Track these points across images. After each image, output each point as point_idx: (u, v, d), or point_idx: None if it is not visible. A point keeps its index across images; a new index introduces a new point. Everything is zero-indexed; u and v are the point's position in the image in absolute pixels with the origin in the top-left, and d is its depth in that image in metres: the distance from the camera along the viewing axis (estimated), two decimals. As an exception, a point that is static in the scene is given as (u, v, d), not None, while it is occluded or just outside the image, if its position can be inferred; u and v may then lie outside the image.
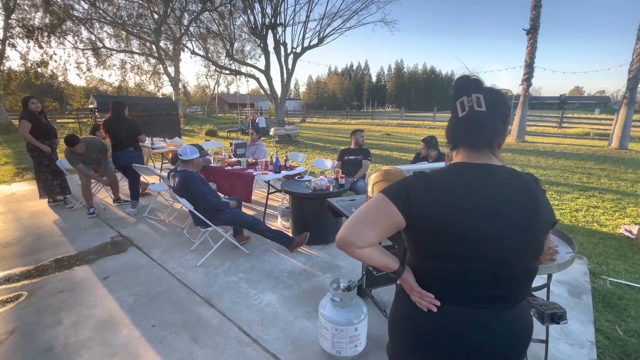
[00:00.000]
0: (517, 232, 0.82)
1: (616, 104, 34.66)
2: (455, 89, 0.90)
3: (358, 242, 0.85)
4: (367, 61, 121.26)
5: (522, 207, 0.82)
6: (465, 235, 0.80)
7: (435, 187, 0.83)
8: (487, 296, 0.84)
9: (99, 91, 33.21)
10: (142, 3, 18.08)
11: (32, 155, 4.61)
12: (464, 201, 0.80)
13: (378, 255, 0.90)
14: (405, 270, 0.93)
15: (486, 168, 0.85)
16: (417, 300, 0.90)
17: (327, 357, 2.00)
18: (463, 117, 0.88)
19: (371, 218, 0.85)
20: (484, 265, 0.81)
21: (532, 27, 12.49)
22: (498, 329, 0.85)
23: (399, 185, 0.87)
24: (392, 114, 33.17)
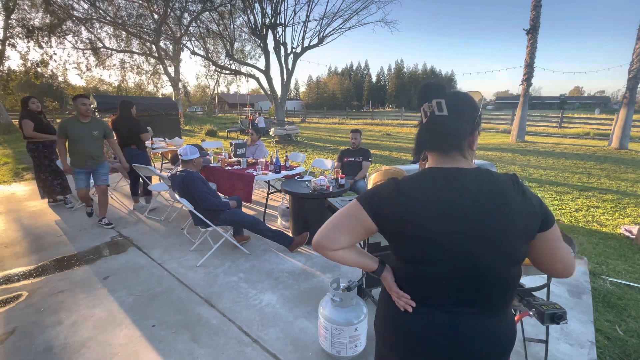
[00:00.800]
0: (484, 235, 0.80)
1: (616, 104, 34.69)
2: (419, 97, 0.92)
3: (330, 245, 0.90)
4: (367, 61, 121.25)
5: (490, 209, 0.80)
6: (429, 238, 0.81)
7: (403, 191, 0.85)
8: (459, 301, 0.84)
9: (98, 91, 33.23)
10: (142, 3, 18.07)
11: (32, 155, 4.62)
12: (429, 205, 0.82)
13: (353, 256, 0.94)
14: (385, 270, 0.98)
15: (455, 172, 0.85)
16: (395, 300, 0.93)
17: (327, 357, 2.00)
18: (425, 123, 0.90)
19: (343, 222, 0.90)
20: (452, 269, 0.81)
21: (532, 27, 12.49)
22: (469, 335, 0.84)
23: (373, 191, 0.90)
24: (392, 114, 33.17)
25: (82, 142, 3.77)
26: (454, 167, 0.87)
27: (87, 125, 3.80)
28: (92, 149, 3.86)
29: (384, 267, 0.99)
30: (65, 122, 3.73)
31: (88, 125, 3.80)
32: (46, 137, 4.53)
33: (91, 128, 3.82)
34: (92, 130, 3.83)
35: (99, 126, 3.90)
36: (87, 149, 3.81)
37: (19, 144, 11.39)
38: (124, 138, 4.49)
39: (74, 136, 3.74)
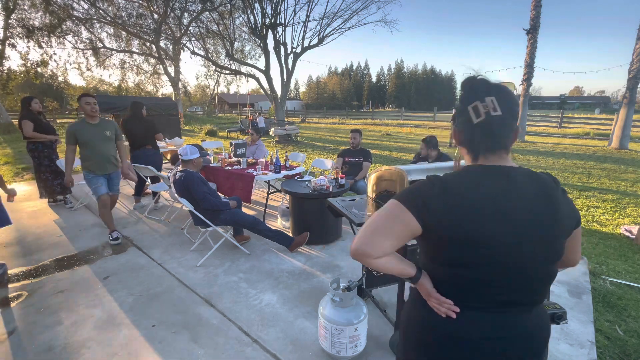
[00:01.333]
0: (535, 237, 0.80)
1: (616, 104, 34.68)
2: (465, 93, 0.86)
3: (374, 253, 0.82)
4: (367, 61, 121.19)
5: (541, 211, 0.80)
6: (482, 240, 0.77)
7: (452, 192, 0.80)
8: (504, 301, 0.83)
9: (99, 91, 33.21)
10: (142, 3, 18.07)
11: (32, 155, 4.62)
12: (480, 206, 0.78)
13: (395, 263, 0.87)
14: (422, 276, 0.90)
15: (503, 171, 0.82)
16: (434, 306, 0.87)
17: (327, 357, 2.00)
18: (480, 124, 0.83)
19: (387, 226, 0.82)
20: (501, 270, 0.79)
21: (532, 27, 12.49)
22: (515, 333, 0.84)
23: (413, 191, 0.83)
24: (392, 114, 33.17)
25: (96, 145, 3.40)
26: (503, 166, 0.83)
27: (97, 126, 3.43)
28: (109, 151, 3.52)
29: (421, 272, 0.91)
30: (72, 126, 3.35)
31: (98, 126, 3.44)
32: (46, 138, 4.53)
33: (102, 129, 3.45)
34: (104, 131, 3.46)
35: (110, 126, 3.55)
36: (104, 151, 3.46)
37: (19, 144, 11.38)
38: (139, 139, 4.47)
39: (85, 140, 3.34)
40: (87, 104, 3.33)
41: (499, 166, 0.83)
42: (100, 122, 3.47)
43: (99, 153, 3.44)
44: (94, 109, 3.36)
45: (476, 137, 0.85)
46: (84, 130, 3.36)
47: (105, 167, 3.52)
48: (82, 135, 3.34)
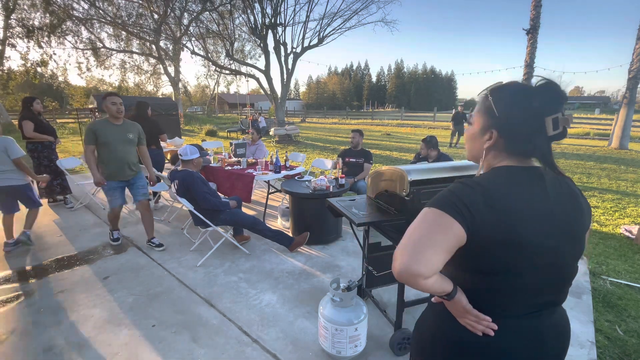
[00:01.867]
0: (570, 236, 0.80)
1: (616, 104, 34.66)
2: (545, 101, 0.76)
3: (427, 271, 0.72)
4: (367, 61, 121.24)
5: (571, 210, 0.81)
6: (526, 244, 0.75)
7: (494, 196, 0.75)
8: (540, 303, 0.82)
9: (99, 91, 33.20)
10: (142, 3, 18.07)
11: (31, 155, 4.61)
12: (523, 208, 0.75)
13: (440, 281, 0.79)
14: (459, 292, 0.82)
15: (536, 172, 0.80)
16: (469, 324, 0.82)
17: (327, 357, 2.00)
18: (552, 136, 0.76)
19: (436, 239, 0.73)
20: (541, 273, 0.78)
21: (532, 27, 12.49)
22: (551, 334, 0.84)
23: (452, 197, 0.76)
24: (392, 114, 33.17)
25: (116, 148, 3.16)
26: (533, 167, 0.82)
27: (120, 127, 3.21)
28: (129, 156, 3.27)
29: (457, 288, 0.82)
30: (94, 124, 3.13)
31: (121, 128, 3.21)
32: (46, 138, 4.53)
33: (125, 130, 3.23)
34: (127, 133, 3.23)
35: (134, 129, 3.31)
36: (124, 155, 3.21)
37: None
38: (146, 139, 4.49)
39: (105, 140, 3.11)
40: (113, 104, 3.11)
41: (532, 167, 0.81)
42: (123, 123, 3.24)
43: (118, 157, 3.17)
44: (119, 109, 3.14)
45: (532, 144, 0.79)
46: (106, 130, 3.12)
47: (124, 172, 3.24)
48: (102, 135, 3.09)
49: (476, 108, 0.89)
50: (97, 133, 3.09)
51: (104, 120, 3.18)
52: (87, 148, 3.12)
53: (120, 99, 3.18)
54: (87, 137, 3.09)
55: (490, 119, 0.83)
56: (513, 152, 0.82)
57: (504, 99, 0.81)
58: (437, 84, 71.58)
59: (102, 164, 3.19)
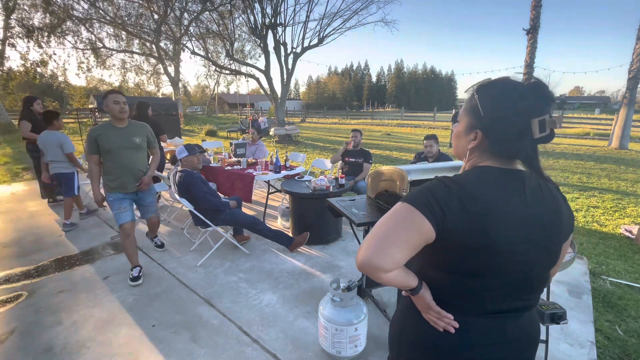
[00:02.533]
0: (545, 244, 0.79)
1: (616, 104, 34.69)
2: (531, 102, 0.74)
3: (387, 265, 0.72)
4: (367, 61, 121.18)
5: (549, 217, 0.79)
6: (497, 250, 0.74)
7: (470, 197, 0.73)
8: (505, 307, 0.81)
9: (99, 91, 33.21)
10: (142, 3, 18.08)
11: (32, 155, 4.61)
12: (500, 214, 0.74)
13: (403, 275, 0.79)
14: (423, 288, 0.83)
15: (517, 175, 0.79)
16: (431, 319, 0.83)
17: (327, 357, 2.00)
18: (538, 139, 0.75)
19: (399, 234, 0.73)
20: (508, 278, 0.78)
21: (532, 27, 12.48)
22: (515, 336, 0.83)
23: (426, 194, 0.75)
24: (392, 114, 33.17)
25: (120, 155, 2.66)
26: (515, 169, 0.80)
27: (125, 130, 2.70)
28: (138, 164, 2.78)
29: (422, 284, 0.83)
30: (95, 130, 2.63)
31: (126, 131, 2.70)
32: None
33: (130, 134, 2.71)
34: (133, 137, 2.72)
35: (141, 131, 2.80)
36: (131, 163, 2.71)
37: (19, 144, 11.38)
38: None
39: (108, 147, 2.62)
40: (116, 103, 2.59)
41: (513, 170, 0.79)
42: (128, 125, 2.73)
43: (123, 165, 2.67)
44: (123, 109, 2.62)
45: (518, 146, 0.77)
46: (108, 136, 2.61)
47: (132, 184, 2.75)
48: (105, 141, 2.59)
49: (463, 106, 0.86)
50: (99, 139, 2.59)
51: (107, 124, 2.67)
52: (90, 159, 2.66)
53: (123, 97, 2.66)
54: (88, 146, 2.63)
55: (475, 119, 0.81)
56: (497, 154, 0.80)
57: (490, 98, 0.78)
58: (437, 84, 71.54)
59: (107, 175, 2.69)
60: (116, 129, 2.67)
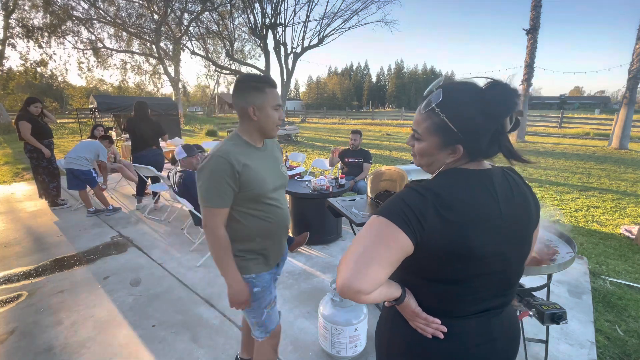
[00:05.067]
0: (518, 241, 0.81)
1: (616, 104, 34.67)
2: (500, 105, 0.73)
3: (367, 287, 0.68)
4: (367, 61, 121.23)
5: (520, 213, 0.81)
6: (475, 255, 0.74)
7: (445, 206, 0.72)
8: (489, 306, 0.82)
9: (99, 91, 33.21)
10: (142, 3, 18.08)
11: (30, 156, 4.60)
12: (475, 219, 0.73)
13: (386, 291, 0.76)
14: (407, 296, 0.81)
15: (486, 175, 0.79)
16: (419, 327, 0.81)
17: (327, 357, 2.00)
18: (507, 131, 0.76)
19: (377, 253, 0.69)
20: (490, 279, 0.78)
21: (532, 27, 12.50)
22: (501, 333, 0.84)
23: (401, 204, 0.72)
24: (392, 114, 33.17)
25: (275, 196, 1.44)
26: (483, 169, 0.79)
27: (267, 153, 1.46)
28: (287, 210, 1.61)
29: (406, 292, 0.81)
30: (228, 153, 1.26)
31: (269, 154, 1.47)
32: (40, 147, 4.48)
33: (275, 159, 1.51)
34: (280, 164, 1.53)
35: (279, 149, 1.60)
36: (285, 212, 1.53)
37: (19, 144, 11.38)
38: (145, 139, 4.47)
39: (256, 184, 1.35)
40: (275, 109, 1.33)
41: (482, 170, 0.79)
42: (266, 144, 1.46)
43: (279, 215, 1.47)
44: (281, 117, 1.39)
45: (501, 143, 0.77)
46: (255, 162, 1.33)
47: (283, 245, 1.60)
48: (251, 174, 1.30)
49: (424, 124, 0.80)
50: (243, 172, 1.27)
51: (239, 140, 1.35)
52: (216, 215, 1.30)
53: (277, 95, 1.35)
54: (215, 189, 1.27)
55: (447, 136, 0.77)
56: (477, 157, 0.79)
57: (458, 114, 0.74)
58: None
59: (252, 242, 1.39)
60: (258, 151, 1.39)
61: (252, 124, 1.32)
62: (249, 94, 1.27)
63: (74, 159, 4.24)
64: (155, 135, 4.54)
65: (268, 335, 1.46)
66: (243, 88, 1.28)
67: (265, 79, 1.29)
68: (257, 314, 1.43)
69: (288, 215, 1.54)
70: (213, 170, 1.24)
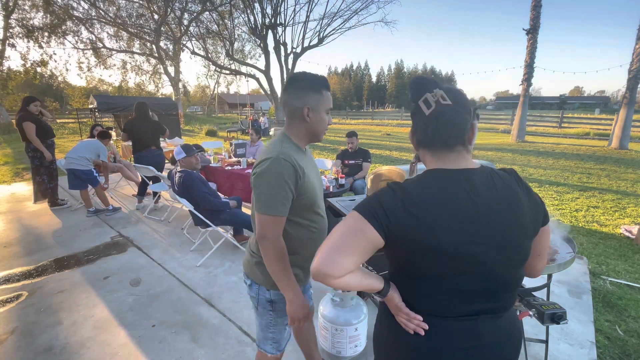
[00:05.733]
0: (502, 243, 0.78)
1: (616, 104, 34.68)
2: (414, 90, 0.86)
3: (335, 272, 0.75)
4: (367, 61, 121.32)
5: (503, 214, 0.78)
6: (446, 252, 0.75)
7: (414, 202, 0.76)
8: (474, 310, 0.81)
9: (99, 91, 33.21)
10: (142, 3, 18.09)
11: (33, 155, 4.58)
12: (446, 216, 0.75)
13: (359, 279, 0.81)
14: (391, 289, 0.85)
15: (465, 175, 0.79)
16: (402, 322, 0.83)
17: (327, 357, 2.00)
18: (431, 115, 0.81)
19: (347, 243, 0.76)
20: (470, 280, 0.77)
21: (532, 27, 12.50)
22: (491, 340, 0.82)
23: (373, 201, 0.78)
24: (392, 114, 33.19)
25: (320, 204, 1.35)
26: (462, 169, 0.81)
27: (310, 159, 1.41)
28: None
29: (390, 285, 0.85)
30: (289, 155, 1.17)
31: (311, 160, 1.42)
32: (43, 150, 4.47)
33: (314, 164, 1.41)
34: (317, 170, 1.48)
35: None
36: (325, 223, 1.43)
37: (19, 144, 11.38)
38: (145, 140, 4.47)
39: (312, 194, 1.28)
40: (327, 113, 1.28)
41: (459, 169, 0.80)
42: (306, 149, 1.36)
43: (323, 225, 1.38)
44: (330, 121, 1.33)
45: (429, 129, 0.83)
46: (306, 168, 1.24)
47: None
48: (308, 179, 1.24)
49: None
50: (303, 177, 1.20)
51: (291, 143, 1.26)
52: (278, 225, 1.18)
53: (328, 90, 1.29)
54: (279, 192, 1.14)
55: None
56: (421, 147, 0.87)
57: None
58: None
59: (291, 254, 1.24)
60: (304, 155, 1.30)
61: (303, 125, 1.24)
62: (305, 94, 1.20)
63: (74, 159, 4.26)
64: (156, 136, 4.54)
65: (278, 353, 1.42)
66: (300, 87, 1.21)
67: (322, 80, 1.23)
68: (279, 330, 1.38)
69: (327, 225, 1.40)
70: (277, 174, 1.12)
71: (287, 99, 1.23)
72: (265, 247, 1.17)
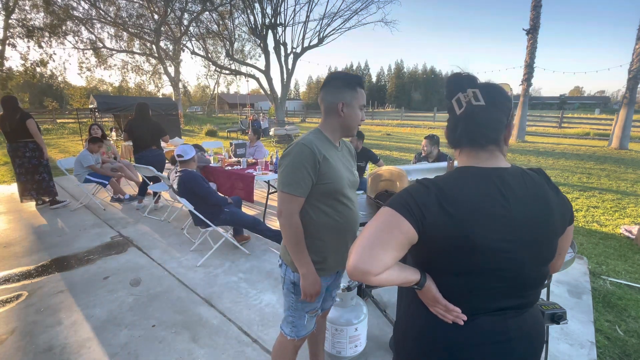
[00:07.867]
0: (532, 241, 0.79)
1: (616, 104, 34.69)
2: (449, 88, 0.86)
3: (375, 269, 0.73)
4: (367, 61, 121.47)
5: (534, 213, 0.79)
6: (477, 248, 0.75)
7: (448, 199, 0.76)
8: (504, 305, 0.82)
9: (99, 91, 33.21)
10: (142, 3, 18.09)
11: (32, 155, 4.56)
12: (479, 214, 0.76)
13: (397, 273, 0.79)
14: (427, 280, 0.83)
15: (497, 173, 0.80)
16: (439, 313, 0.83)
17: (327, 357, 2.00)
18: (461, 115, 0.83)
19: (383, 238, 0.75)
20: (495, 276, 0.78)
21: (532, 27, 12.50)
22: (517, 335, 0.83)
23: (407, 197, 0.79)
24: (392, 114, 33.18)
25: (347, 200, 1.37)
26: (495, 167, 0.81)
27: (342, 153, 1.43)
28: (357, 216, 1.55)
29: (426, 277, 0.84)
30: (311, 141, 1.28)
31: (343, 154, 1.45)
32: (44, 149, 4.56)
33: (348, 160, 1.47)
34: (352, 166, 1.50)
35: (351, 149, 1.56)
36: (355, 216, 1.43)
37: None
38: (145, 140, 4.47)
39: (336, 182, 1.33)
40: (361, 108, 1.34)
41: (491, 168, 0.81)
42: (342, 146, 1.44)
43: (350, 217, 1.38)
44: (364, 117, 1.38)
45: (459, 128, 0.84)
46: (331, 158, 1.31)
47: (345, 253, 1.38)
48: (330, 166, 1.28)
49: None
50: (323, 163, 1.26)
51: (322, 135, 1.35)
52: (293, 202, 1.26)
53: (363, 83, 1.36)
54: (296, 173, 1.23)
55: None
56: (453, 145, 0.89)
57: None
58: (437, 84, 71.56)
59: (310, 237, 1.32)
60: (336, 149, 1.37)
61: (337, 120, 1.33)
62: (340, 91, 1.30)
63: (78, 176, 4.71)
64: (156, 137, 4.54)
65: (296, 338, 1.45)
66: (335, 85, 1.31)
67: (357, 79, 1.32)
68: (298, 315, 1.43)
69: (357, 219, 1.44)
70: (296, 156, 1.24)
71: (324, 96, 1.34)
72: (282, 222, 1.28)
